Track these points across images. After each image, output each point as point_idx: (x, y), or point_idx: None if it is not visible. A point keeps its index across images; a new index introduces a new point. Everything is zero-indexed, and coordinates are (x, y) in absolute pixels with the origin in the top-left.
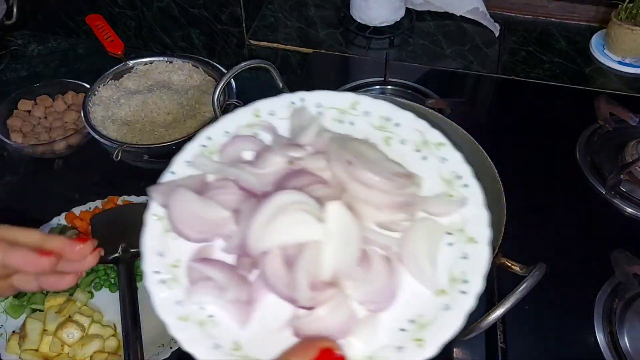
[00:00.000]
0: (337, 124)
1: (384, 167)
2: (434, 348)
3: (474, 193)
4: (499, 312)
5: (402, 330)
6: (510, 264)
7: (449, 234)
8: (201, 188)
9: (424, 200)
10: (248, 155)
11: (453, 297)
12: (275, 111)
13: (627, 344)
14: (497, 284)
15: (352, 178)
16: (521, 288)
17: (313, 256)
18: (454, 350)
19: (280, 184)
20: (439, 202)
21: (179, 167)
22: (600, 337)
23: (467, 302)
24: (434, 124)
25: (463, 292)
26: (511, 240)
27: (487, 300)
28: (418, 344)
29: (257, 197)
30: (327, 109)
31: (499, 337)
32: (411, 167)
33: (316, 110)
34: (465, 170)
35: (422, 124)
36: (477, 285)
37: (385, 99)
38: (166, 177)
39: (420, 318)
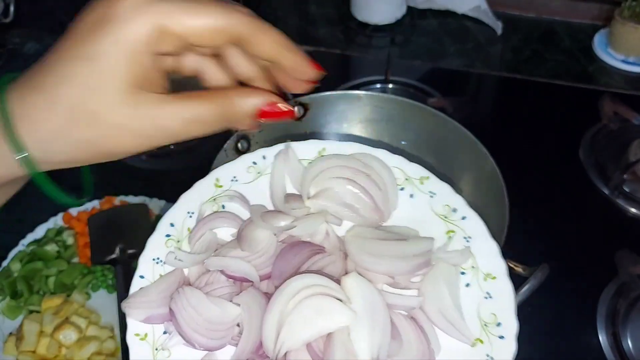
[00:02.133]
0: None
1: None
2: None
3: (476, 224)
4: None
5: None
6: (512, 265)
7: (463, 273)
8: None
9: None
10: (223, 234)
11: (492, 345)
12: (238, 176)
13: (630, 345)
14: None
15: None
16: (524, 290)
17: (346, 345)
18: None
19: (280, 265)
20: (444, 245)
21: (148, 269)
22: (602, 339)
23: (509, 347)
24: (412, 157)
25: (501, 337)
26: (514, 241)
27: None
28: None
29: (252, 285)
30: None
31: None
32: (400, 209)
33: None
34: (458, 202)
35: (398, 159)
36: (512, 326)
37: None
38: (136, 283)
39: None
